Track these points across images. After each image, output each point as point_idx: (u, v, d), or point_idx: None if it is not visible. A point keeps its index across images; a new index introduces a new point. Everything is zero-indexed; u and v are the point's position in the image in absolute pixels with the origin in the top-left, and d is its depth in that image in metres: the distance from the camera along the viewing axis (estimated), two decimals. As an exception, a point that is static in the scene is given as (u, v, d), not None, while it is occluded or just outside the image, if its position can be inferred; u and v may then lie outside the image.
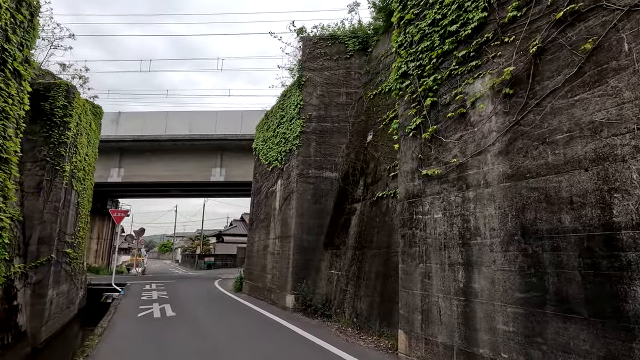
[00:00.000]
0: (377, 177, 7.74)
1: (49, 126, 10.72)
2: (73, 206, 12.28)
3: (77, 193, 12.67)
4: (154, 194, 29.89)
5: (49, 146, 10.61)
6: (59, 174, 10.65)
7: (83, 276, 16.34)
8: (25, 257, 9.93)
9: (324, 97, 10.32)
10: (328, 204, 9.47)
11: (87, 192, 14.23)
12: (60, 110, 10.89)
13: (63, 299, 12.03)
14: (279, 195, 10.98)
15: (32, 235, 10.04)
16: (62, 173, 10.75)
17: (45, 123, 10.74)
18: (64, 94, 11.07)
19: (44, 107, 10.80)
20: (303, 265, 9.19)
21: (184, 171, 23.12)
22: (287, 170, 10.57)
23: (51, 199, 10.41)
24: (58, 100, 10.93)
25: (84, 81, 16.26)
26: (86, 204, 14.23)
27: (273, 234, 11.08)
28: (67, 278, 12.17)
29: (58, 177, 10.64)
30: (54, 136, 10.67)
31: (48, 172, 10.46)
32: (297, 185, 9.67)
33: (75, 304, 13.85)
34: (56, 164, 10.60)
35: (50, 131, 10.67)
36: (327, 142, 9.94)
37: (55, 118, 10.78)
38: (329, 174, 9.71)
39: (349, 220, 8.32)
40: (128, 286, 16.55)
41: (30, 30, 7.29)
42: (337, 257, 8.27)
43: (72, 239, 12.34)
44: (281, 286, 9.72)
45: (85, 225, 14.33)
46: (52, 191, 10.48)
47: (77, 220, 12.92)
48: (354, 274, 7.45)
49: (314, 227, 9.41)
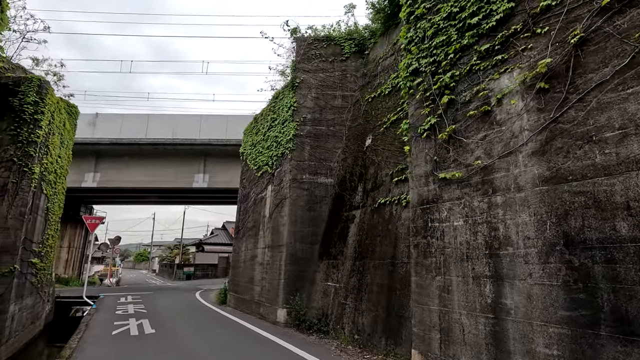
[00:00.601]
0: (378, 183, 7.31)
1: (18, 123, 9.79)
2: (42, 212, 11.26)
3: (47, 197, 11.66)
4: (131, 200, 28.50)
5: (16, 145, 9.67)
6: (27, 176, 9.70)
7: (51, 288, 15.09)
8: (-16, 268, 8.88)
9: (318, 100, 9.87)
10: (323, 211, 8.96)
11: (58, 196, 13.16)
12: (30, 107, 9.98)
13: (27, 314, 10.92)
14: (269, 201, 10.38)
15: (-8, 243, 9.02)
16: (31, 175, 9.80)
17: (13, 120, 9.81)
18: (35, 89, 10.18)
19: (13, 102, 9.88)
20: (296, 276, 8.59)
21: (165, 177, 22.10)
22: (278, 176, 10.00)
23: (17, 203, 9.43)
24: (29, 96, 10.03)
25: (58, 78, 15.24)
26: (57, 209, 13.15)
27: (262, 243, 10.43)
28: (32, 291, 11.07)
29: (26, 180, 9.68)
30: (22, 135, 9.74)
31: (14, 173, 9.50)
32: (290, 191, 9.11)
33: (41, 319, 12.66)
34: (24, 165, 9.65)
35: (18, 129, 9.74)
36: (322, 146, 9.47)
37: (24, 115, 9.86)
38: (324, 179, 9.21)
39: (346, 228, 7.82)
40: (101, 299, 15.37)
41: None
42: (334, 268, 7.73)
43: (39, 247, 11.28)
44: (271, 299, 9.06)
45: (55, 233, 13.22)
46: (19, 195, 9.50)
47: (46, 227, 11.86)
48: (354, 287, 6.92)
49: (307, 236, 8.85)
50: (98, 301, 14.59)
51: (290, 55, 11.15)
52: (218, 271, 35.99)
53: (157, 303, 13.64)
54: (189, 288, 22.25)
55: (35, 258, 10.88)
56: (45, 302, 12.93)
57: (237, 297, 11.87)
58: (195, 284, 26.57)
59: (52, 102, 10.70)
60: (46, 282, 12.77)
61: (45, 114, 10.32)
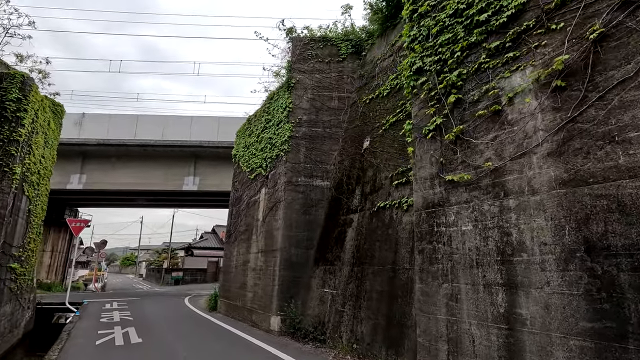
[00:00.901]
0: (377, 186, 7.09)
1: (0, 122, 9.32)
2: (23, 214, 10.74)
3: (29, 199, 11.15)
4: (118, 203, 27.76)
5: (-4, 144, 9.19)
6: (7, 176, 9.22)
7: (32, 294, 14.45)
8: (-42, 274, 8.36)
9: (314, 101, 9.65)
10: (319, 214, 8.70)
11: (41, 198, 12.62)
12: (12, 104, 9.53)
13: (5, 322, 10.37)
14: (262, 204, 10.08)
15: (-32, 247, 8.51)
16: (12, 176, 9.33)
17: (-7, 118, 9.34)
18: (18, 85, 9.73)
19: (-7, 99, 9.41)
20: (290, 282, 8.29)
21: (154, 179, 21.55)
22: (272, 178, 9.72)
23: (-4, 205, 8.94)
24: (11, 93, 9.58)
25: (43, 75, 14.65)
26: (39, 212, 12.61)
27: (255, 247, 10.11)
28: (11, 298, 10.52)
29: (6, 180, 9.21)
30: (3, 133, 9.28)
31: (-7, 174, 9.01)
32: (285, 194, 8.84)
33: (20, 327, 12.07)
34: (4, 165, 9.18)
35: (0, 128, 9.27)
36: (318, 149, 9.23)
37: (6, 112, 9.41)
38: (320, 182, 8.97)
39: (344, 232, 7.58)
40: (85, 305, 14.76)
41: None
42: (331, 273, 7.47)
43: (19, 252, 10.76)
44: (265, 306, 8.73)
45: (37, 237, 12.66)
46: (-2, 196, 9.01)
47: (27, 231, 11.33)
48: (352, 294, 6.67)
49: (303, 240, 8.57)
50: (82, 308, 14.01)
51: (285, 55, 10.94)
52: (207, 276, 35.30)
53: (145, 309, 13.14)
54: (178, 293, 21.66)
55: (14, 263, 10.35)
56: (25, 309, 12.34)
57: (228, 304, 11.48)
58: (184, 289, 25.93)
59: (35, 100, 10.24)
60: (26, 288, 12.20)
61: (29, 111, 9.87)
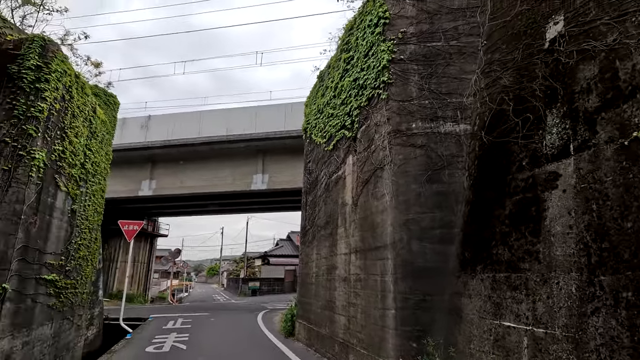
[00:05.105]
0: (613, 96, 3.11)
1: (14, 94, 7.40)
2: (62, 214, 8.78)
3: (72, 198, 9.22)
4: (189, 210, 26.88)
5: (10, 122, 7.24)
6: (24, 161, 7.18)
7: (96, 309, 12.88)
8: (-42, 290, 6.36)
9: (424, 3, 5.93)
10: (456, 180, 4.90)
11: (92, 199, 10.82)
12: (30, 73, 7.55)
13: (45, 347, 8.38)
14: (350, 180, 6.59)
15: (-29, 254, 6.50)
16: (30, 161, 7.27)
17: (10, 91, 7.45)
18: (37, 50, 7.77)
19: (10, 69, 7.55)
20: (416, 304, 4.58)
21: (221, 180, 19.70)
22: (364, 136, 6.20)
23: (9, 198, 6.88)
24: (28, 59, 7.64)
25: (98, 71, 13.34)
26: (92, 214, 10.81)
27: (344, 245, 6.62)
28: (50, 316, 8.54)
29: (22, 167, 7.16)
30: (19, 107, 7.28)
31: (6, 158, 7.01)
32: (392, 152, 5.22)
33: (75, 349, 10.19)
34: (20, 147, 7.15)
35: (14, 101, 7.33)
36: (441, 74, 5.46)
37: (22, 83, 7.45)
38: (452, 126, 5.17)
39: (534, 203, 3.65)
40: (149, 322, 12.84)
41: None
42: (514, 288, 3.57)
43: (60, 260, 8.80)
44: (372, 344, 5.13)
45: (91, 243, 10.86)
46: (12, 187, 6.97)
47: (72, 236, 9.42)
48: (611, 340, 2.72)
49: (431, 228, 4.84)
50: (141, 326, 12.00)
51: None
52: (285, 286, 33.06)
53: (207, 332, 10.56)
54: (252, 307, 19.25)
55: (52, 274, 8.36)
56: (80, 327, 10.51)
57: (309, 329, 8.13)
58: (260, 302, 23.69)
59: (61, 69, 8.25)
60: (81, 303, 10.34)
61: (51, 82, 7.85)
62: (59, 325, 9.08)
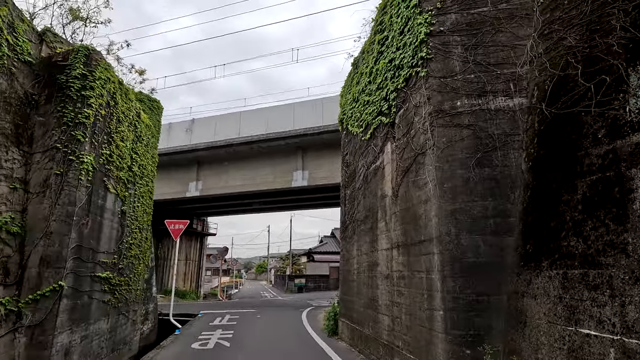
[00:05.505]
0: None
1: (63, 102, 7.83)
2: (112, 215, 9.21)
3: (121, 199, 9.65)
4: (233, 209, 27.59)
5: (61, 129, 7.67)
6: (74, 166, 7.56)
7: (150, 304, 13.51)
8: (20, 286, 6.82)
9: (466, -34, 5.26)
10: (511, 162, 4.24)
11: (141, 200, 11.30)
12: (77, 82, 7.93)
13: (102, 341, 8.83)
14: (390, 169, 6.10)
15: (31, 253, 6.95)
16: (80, 165, 7.64)
17: (60, 100, 7.89)
18: (82, 60, 8.16)
19: (60, 80, 8.00)
20: (470, 305, 4.03)
21: (263, 178, 19.95)
22: (403, 120, 5.68)
23: (62, 201, 7.28)
24: (74, 69, 8.03)
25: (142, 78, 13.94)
26: (141, 215, 11.29)
27: (385, 240, 6.15)
28: (106, 312, 8.99)
29: (73, 171, 7.54)
30: (67, 115, 7.68)
31: (58, 163, 7.42)
32: (433, 135, 4.67)
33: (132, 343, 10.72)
34: (70, 152, 7.54)
35: (63, 109, 7.75)
36: (489, 42, 4.79)
37: (70, 91, 7.85)
38: (504, 101, 4.50)
39: (615, 183, 2.96)
40: (198, 318, 13.23)
41: None
42: (592, 288, 2.93)
43: (113, 258, 9.24)
44: (419, 349, 4.65)
45: (142, 243, 11.36)
46: (64, 190, 7.36)
47: (122, 235, 9.87)
48: None
49: (482, 218, 4.24)
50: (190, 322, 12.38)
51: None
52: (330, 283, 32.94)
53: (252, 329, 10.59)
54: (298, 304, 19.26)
55: (106, 272, 8.79)
56: (135, 322, 11.03)
57: (352, 329, 7.76)
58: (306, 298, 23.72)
59: (104, 77, 8.61)
60: (135, 299, 10.86)
61: (95, 89, 8.20)
62: (115, 320, 9.54)
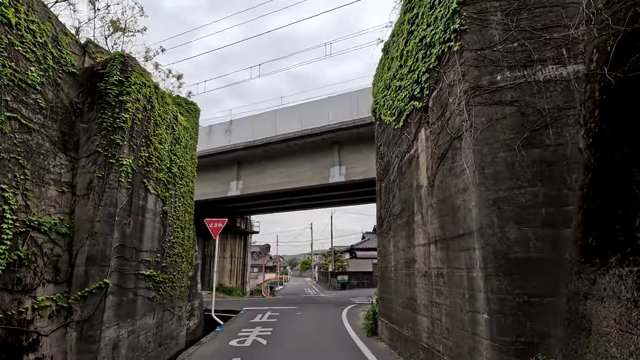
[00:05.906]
0: None
1: (103, 108, 8.21)
2: (154, 215, 9.56)
3: (161, 199, 10.00)
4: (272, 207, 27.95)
5: (101, 134, 8.04)
6: (114, 168, 7.90)
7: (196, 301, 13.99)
8: (70, 284, 7.24)
9: None
10: (566, 140, 3.62)
11: (182, 200, 11.66)
12: (114, 88, 8.28)
13: (150, 336, 9.21)
14: (424, 158, 5.60)
15: (78, 252, 7.36)
16: (119, 168, 7.97)
17: (100, 106, 8.29)
18: (118, 67, 8.50)
19: (99, 87, 8.40)
20: (519, 307, 3.49)
21: (300, 175, 19.95)
22: (437, 103, 5.16)
23: (104, 202, 7.63)
24: (112, 76, 8.39)
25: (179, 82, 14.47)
26: (182, 214, 11.66)
27: (422, 235, 5.67)
28: (152, 308, 9.35)
29: (113, 173, 7.88)
30: (106, 120, 8.03)
31: (100, 167, 7.78)
32: (470, 116, 4.14)
33: (179, 338, 11.13)
34: (110, 156, 7.88)
35: (103, 115, 8.13)
36: (534, 4, 4.15)
37: (108, 98, 8.21)
38: (555, 70, 3.86)
39: None
40: (240, 314, 13.48)
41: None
42: None
43: (156, 257, 9.60)
44: (461, 356, 4.16)
45: (185, 242, 11.75)
46: (106, 192, 7.71)
47: (164, 234, 10.23)
48: None
49: (532, 207, 3.66)
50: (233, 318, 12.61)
51: None
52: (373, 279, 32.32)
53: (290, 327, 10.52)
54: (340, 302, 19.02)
55: (150, 270, 9.14)
56: (181, 318, 11.45)
57: (392, 329, 7.34)
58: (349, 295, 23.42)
59: (139, 82, 8.92)
60: (179, 296, 11.26)
61: (131, 94, 8.51)
62: (160, 316, 9.91)
